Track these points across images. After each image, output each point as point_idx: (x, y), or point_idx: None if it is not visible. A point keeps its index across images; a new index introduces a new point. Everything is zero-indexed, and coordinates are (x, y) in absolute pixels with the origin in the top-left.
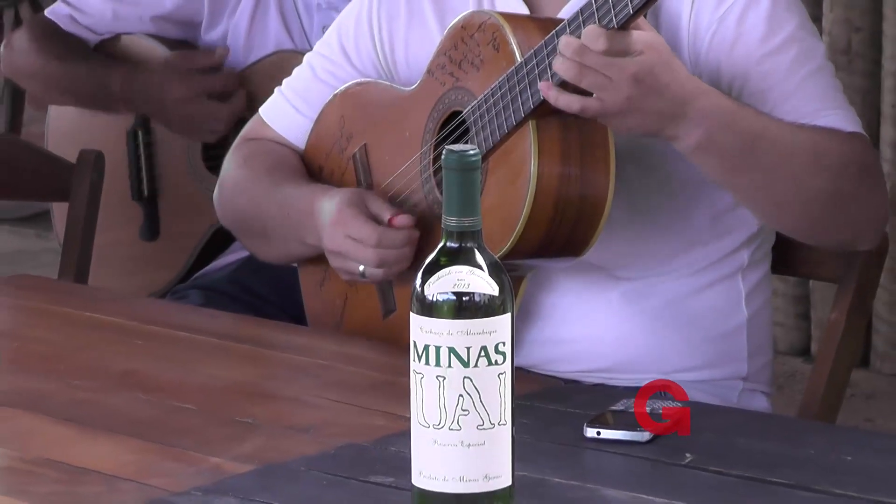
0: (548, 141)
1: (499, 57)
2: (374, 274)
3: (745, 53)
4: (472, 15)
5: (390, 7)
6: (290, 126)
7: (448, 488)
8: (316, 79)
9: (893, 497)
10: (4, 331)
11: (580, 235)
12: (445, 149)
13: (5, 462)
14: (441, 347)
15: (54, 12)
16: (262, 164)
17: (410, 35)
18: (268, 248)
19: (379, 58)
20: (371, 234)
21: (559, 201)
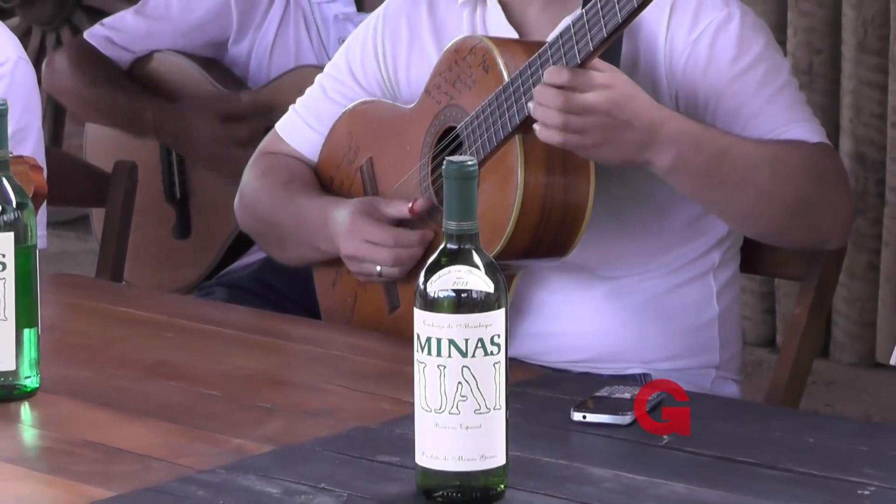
0: (533, 152)
1: (488, 77)
2: (391, 273)
3: (718, 73)
4: (465, 39)
5: (393, 33)
6: (303, 141)
7: (448, 467)
8: (327, 98)
9: (851, 475)
10: (47, 324)
11: (564, 238)
12: (446, 160)
13: (48, 443)
14: (442, 339)
15: (92, 34)
16: (278, 177)
17: (411, 58)
18: (284, 252)
19: (383, 78)
20: (387, 236)
21: (544, 207)
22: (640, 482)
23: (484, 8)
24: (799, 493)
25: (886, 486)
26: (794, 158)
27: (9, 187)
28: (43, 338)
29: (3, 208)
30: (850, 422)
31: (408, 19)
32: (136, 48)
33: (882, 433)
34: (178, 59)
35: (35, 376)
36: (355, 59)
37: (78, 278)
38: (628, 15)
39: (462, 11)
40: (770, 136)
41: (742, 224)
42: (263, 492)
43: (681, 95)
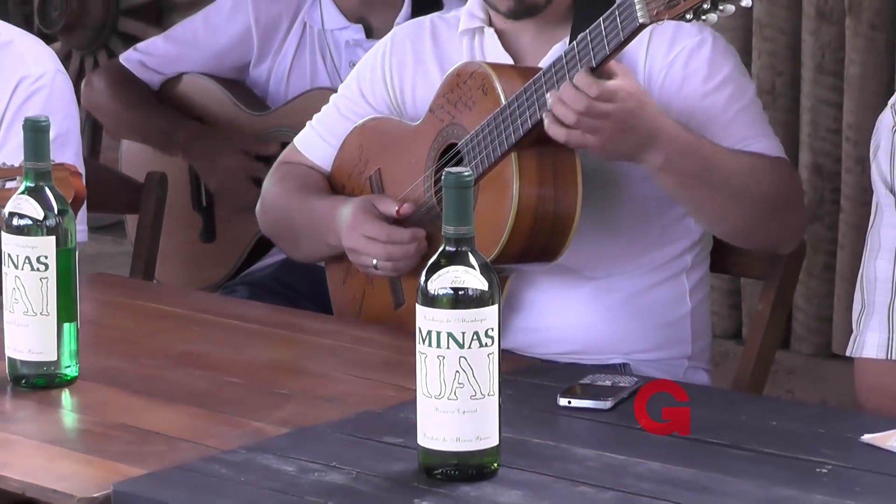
0: (527, 168)
1: (487, 99)
2: (385, 267)
3: (691, 92)
4: (466, 65)
5: (399, 58)
6: (318, 153)
7: (447, 447)
8: (340, 115)
9: (810, 455)
10: (86, 319)
11: (554, 245)
12: (445, 170)
13: (86, 426)
14: (441, 332)
15: (127, 59)
16: (295, 183)
17: (416, 80)
18: (298, 249)
19: (391, 98)
20: (382, 232)
21: (536, 217)
22: (621, 461)
23: (482, 36)
24: (763, 471)
25: (842, 465)
26: (765, 169)
27: (51, 195)
28: (82, 331)
29: (45, 215)
30: (809, 407)
31: (413, 46)
32: (167, 71)
33: (838, 417)
34: (204, 81)
35: (74, 366)
36: (365, 81)
37: (114, 278)
38: (616, 47)
39: (462, 39)
40: (739, 145)
41: (714, 223)
42: (280, 470)
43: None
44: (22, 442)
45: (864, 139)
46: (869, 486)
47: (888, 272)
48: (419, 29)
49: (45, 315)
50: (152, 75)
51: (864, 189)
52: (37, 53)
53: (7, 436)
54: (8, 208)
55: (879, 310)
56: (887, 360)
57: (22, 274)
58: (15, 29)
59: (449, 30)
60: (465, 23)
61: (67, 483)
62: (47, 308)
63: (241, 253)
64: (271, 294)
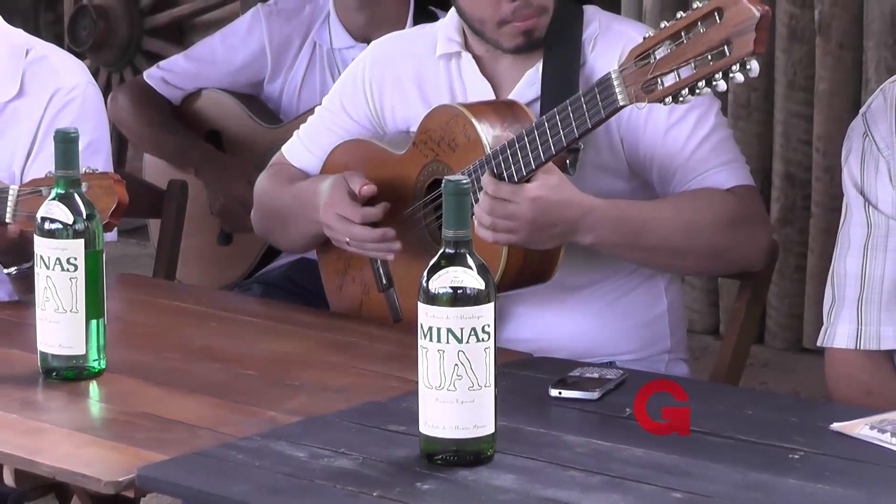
0: None
1: (470, 144)
2: (356, 247)
3: (655, 126)
4: (446, 108)
5: (379, 77)
6: (303, 162)
7: (446, 434)
8: (324, 127)
9: (783, 442)
10: (112, 316)
11: (545, 269)
12: (444, 179)
13: (112, 415)
14: (441, 328)
15: (150, 76)
16: (283, 175)
17: (395, 99)
18: (287, 236)
19: (372, 113)
20: (356, 214)
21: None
22: (607, 447)
23: (459, 60)
24: (739, 457)
25: (812, 451)
26: (708, 215)
27: (80, 201)
28: (108, 327)
29: (74, 219)
30: (782, 397)
31: (391, 66)
32: (187, 87)
33: (809, 407)
34: (221, 96)
35: (101, 359)
36: (346, 96)
37: (138, 277)
38: (596, 123)
39: (439, 62)
40: (697, 178)
41: (665, 272)
42: (293, 456)
43: (626, 141)
44: (53, 430)
45: (833, 150)
46: (838, 470)
47: (857, 268)
48: (397, 45)
49: (74, 312)
50: (173, 91)
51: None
52: (69, 67)
53: (39, 424)
54: (40, 213)
55: (850, 304)
56: (856, 350)
57: (53, 274)
58: (48, 45)
59: (426, 48)
60: (442, 47)
61: (95, 468)
62: (76, 306)
63: (255, 255)
64: (284, 292)
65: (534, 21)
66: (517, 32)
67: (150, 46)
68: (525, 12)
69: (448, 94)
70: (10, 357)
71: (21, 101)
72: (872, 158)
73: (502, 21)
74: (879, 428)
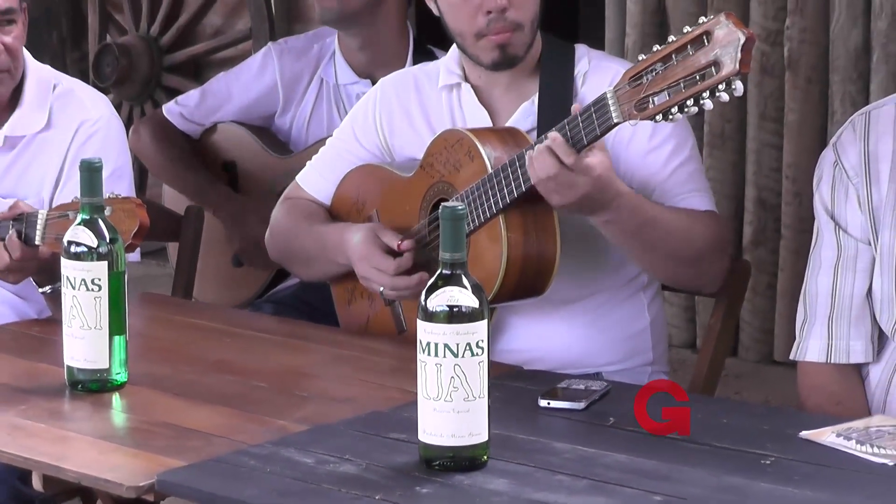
0: (513, 224)
1: (473, 165)
2: (391, 295)
3: (637, 147)
4: (451, 131)
5: (388, 108)
6: (318, 188)
7: (443, 442)
8: (336, 155)
9: (756, 448)
10: (134, 332)
11: (540, 283)
12: (441, 206)
13: (134, 424)
14: (438, 343)
15: (169, 111)
16: (301, 213)
17: (403, 128)
18: (309, 270)
19: (381, 143)
20: (389, 266)
21: (524, 264)
22: (592, 453)
23: (459, 91)
24: (714, 462)
25: (783, 457)
26: (695, 227)
27: (104, 226)
28: (130, 342)
29: (98, 243)
30: (755, 407)
31: (399, 97)
32: (205, 122)
33: (780, 416)
34: (236, 129)
35: (124, 372)
36: (358, 126)
37: (158, 296)
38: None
39: (441, 93)
40: (677, 198)
41: (647, 269)
42: (301, 461)
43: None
44: (78, 438)
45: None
46: (807, 475)
47: (828, 287)
48: (404, 81)
49: (98, 329)
50: (192, 126)
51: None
52: (94, 100)
53: (65, 433)
54: (66, 237)
55: (821, 320)
56: (826, 364)
57: (78, 294)
58: (74, 80)
59: (430, 82)
60: (444, 79)
61: (117, 473)
62: (100, 323)
63: (267, 275)
64: (293, 310)
65: (508, 35)
66: (493, 46)
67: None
68: (498, 25)
69: (450, 121)
70: (39, 370)
71: (49, 133)
72: (842, 185)
73: (479, 34)
74: (845, 435)
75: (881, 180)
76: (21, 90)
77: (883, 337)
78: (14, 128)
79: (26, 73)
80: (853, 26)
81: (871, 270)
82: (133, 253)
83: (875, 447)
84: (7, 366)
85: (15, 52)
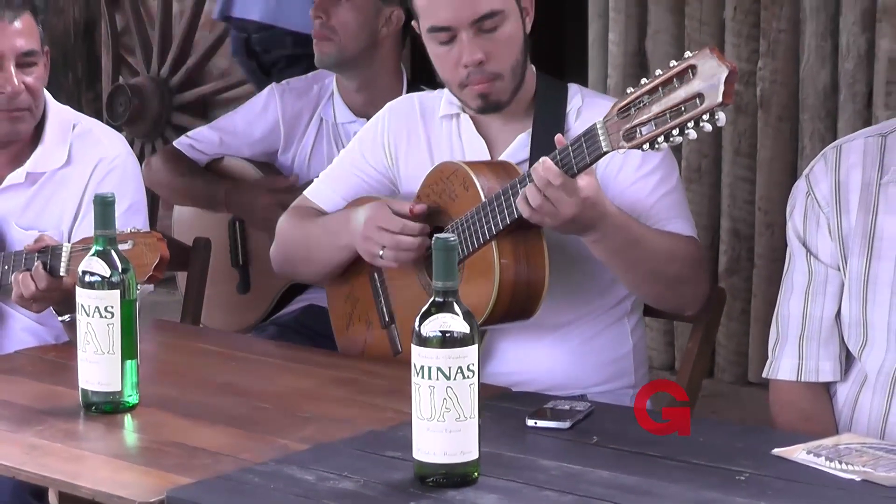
0: (505, 250)
1: (468, 195)
2: (388, 255)
3: (626, 176)
4: (448, 163)
5: (395, 132)
6: (325, 199)
7: (437, 460)
8: (344, 171)
9: (731, 465)
10: (145, 356)
11: (529, 307)
12: (434, 237)
13: (145, 443)
14: (432, 367)
15: (179, 143)
16: (305, 214)
17: (409, 151)
18: (310, 263)
19: (388, 164)
20: (395, 223)
21: (514, 289)
22: (577, 470)
23: (459, 121)
24: (692, 478)
25: (757, 473)
26: (678, 250)
27: (116, 257)
28: (142, 366)
29: (111, 273)
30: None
31: (406, 123)
32: (211, 153)
33: (754, 434)
34: (241, 162)
35: (135, 395)
36: (366, 145)
37: (168, 323)
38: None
39: (442, 122)
40: (657, 225)
41: (632, 287)
42: (302, 479)
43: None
44: (92, 457)
45: (773, 209)
46: (779, 490)
47: (800, 310)
48: (410, 106)
49: (111, 354)
50: (199, 155)
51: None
52: (111, 138)
53: (80, 452)
54: (81, 267)
55: (792, 341)
56: (797, 382)
57: (92, 321)
58: (93, 120)
59: (433, 109)
60: (445, 109)
61: (129, 490)
62: (113, 348)
63: (270, 301)
64: (295, 334)
65: (488, 86)
66: (475, 95)
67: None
68: (477, 77)
69: (448, 149)
70: (55, 393)
71: (69, 169)
72: (814, 214)
73: (461, 84)
74: (815, 453)
75: (851, 210)
76: (42, 129)
77: (850, 357)
78: (36, 164)
79: (47, 113)
80: (821, 67)
81: (840, 295)
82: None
83: (843, 464)
84: (26, 388)
85: (36, 91)
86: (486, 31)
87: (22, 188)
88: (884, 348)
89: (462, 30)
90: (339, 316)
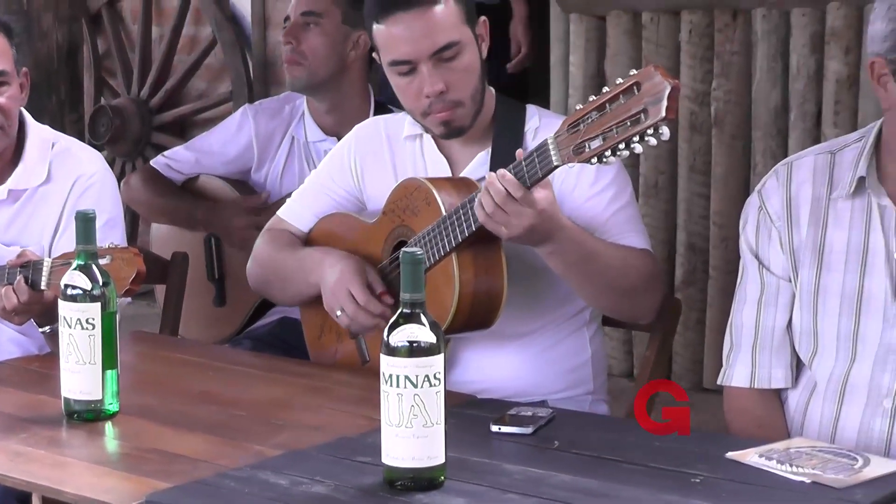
0: (464, 263)
1: (430, 209)
2: (342, 320)
3: (580, 193)
4: (411, 180)
5: (362, 154)
6: (297, 218)
7: (405, 464)
8: (314, 191)
9: (686, 468)
10: (125, 366)
11: (488, 317)
12: (402, 251)
13: (126, 450)
14: (400, 375)
15: (156, 162)
16: (282, 241)
17: (375, 171)
18: (285, 292)
19: (355, 184)
20: (362, 297)
21: (473, 300)
22: (540, 474)
23: (422, 141)
24: (649, 481)
25: (711, 476)
26: (633, 262)
27: (97, 271)
28: (122, 376)
29: (92, 286)
30: None
31: (371, 145)
32: (187, 172)
33: (708, 439)
34: (216, 180)
35: (115, 403)
36: (334, 167)
37: (147, 334)
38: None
39: (406, 143)
40: (612, 239)
41: (587, 298)
42: (276, 483)
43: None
44: (75, 463)
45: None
46: (733, 492)
47: (752, 320)
48: (375, 129)
49: (92, 364)
50: (176, 174)
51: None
52: (89, 156)
53: (63, 458)
54: (63, 281)
55: (745, 349)
56: (750, 389)
57: (74, 332)
58: (71, 139)
59: (397, 131)
60: (408, 130)
61: (111, 495)
62: (94, 358)
63: (245, 314)
64: (270, 346)
65: (449, 113)
66: (437, 122)
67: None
68: (439, 106)
69: (412, 168)
70: (39, 402)
71: (49, 186)
72: (766, 228)
73: (424, 113)
74: (767, 456)
75: (801, 224)
76: (23, 147)
77: (801, 365)
78: (17, 182)
79: (27, 133)
80: (773, 88)
81: (791, 305)
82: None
83: (794, 466)
84: (10, 397)
85: (7, 110)
86: (445, 62)
87: (4, 205)
88: (833, 357)
89: (422, 62)
90: (311, 327)
